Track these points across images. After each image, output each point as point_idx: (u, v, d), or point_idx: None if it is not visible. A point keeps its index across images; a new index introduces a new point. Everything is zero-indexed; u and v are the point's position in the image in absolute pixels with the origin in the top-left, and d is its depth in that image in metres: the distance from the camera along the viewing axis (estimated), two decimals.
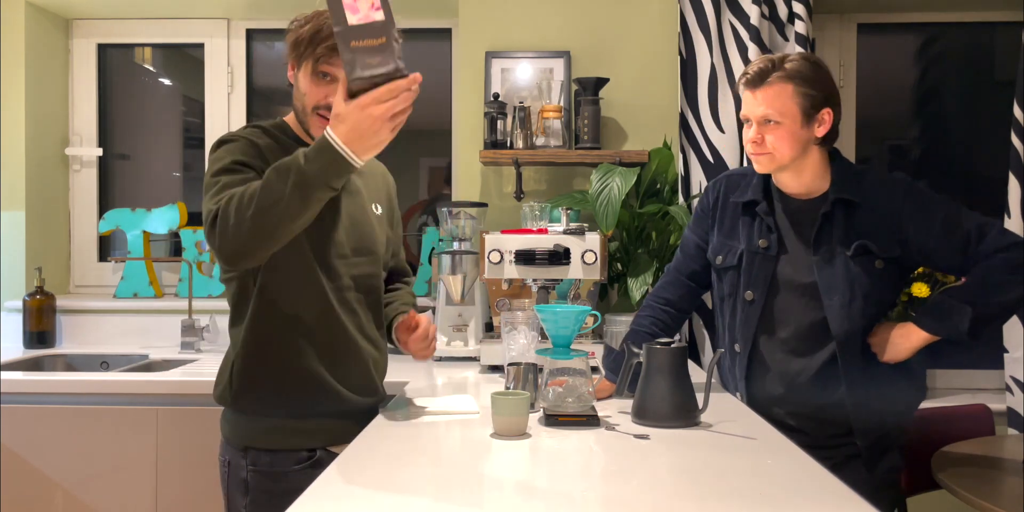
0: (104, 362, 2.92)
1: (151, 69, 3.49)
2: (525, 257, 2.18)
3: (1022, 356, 2.58)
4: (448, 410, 1.78)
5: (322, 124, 1.59)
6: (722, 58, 2.71)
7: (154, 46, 3.42)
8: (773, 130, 1.85)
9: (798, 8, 2.65)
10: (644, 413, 1.69)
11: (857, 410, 1.88)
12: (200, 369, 2.62)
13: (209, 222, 1.43)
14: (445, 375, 2.31)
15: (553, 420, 1.66)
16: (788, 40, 2.68)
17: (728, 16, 2.72)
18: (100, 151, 3.31)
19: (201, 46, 3.30)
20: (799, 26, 2.64)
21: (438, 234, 2.85)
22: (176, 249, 3.30)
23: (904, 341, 1.87)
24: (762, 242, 1.94)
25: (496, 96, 2.77)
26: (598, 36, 2.87)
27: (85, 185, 3.31)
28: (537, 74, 2.86)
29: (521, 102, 2.81)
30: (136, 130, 3.42)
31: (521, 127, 2.74)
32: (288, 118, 1.71)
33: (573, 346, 1.71)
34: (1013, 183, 2.58)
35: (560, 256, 2.18)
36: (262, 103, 3.33)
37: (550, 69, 2.86)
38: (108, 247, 3.36)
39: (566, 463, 1.47)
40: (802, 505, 1.22)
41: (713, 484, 1.31)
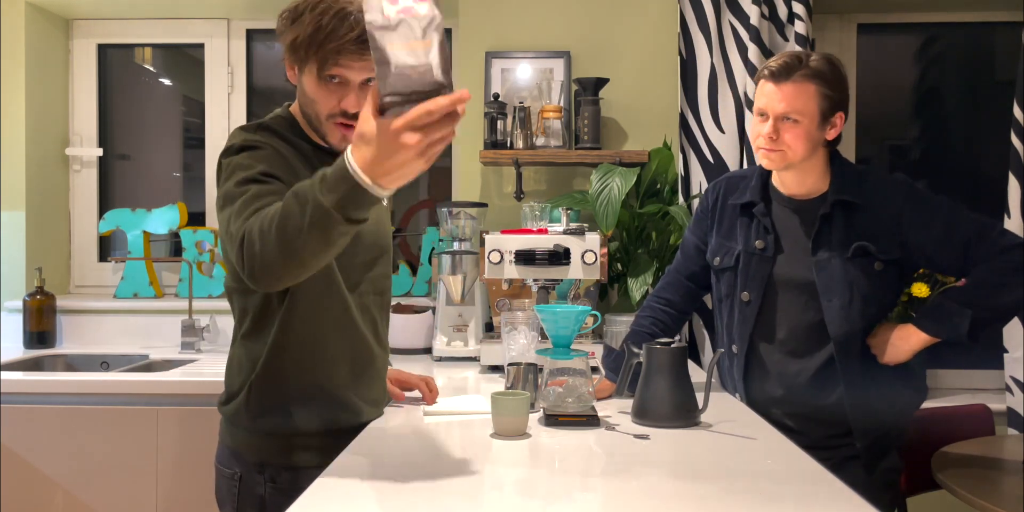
0: (104, 362, 2.92)
1: (151, 69, 3.49)
2: (525, 257, 2.18)
3: (1022, 356, 2.57)
4: (457, 410, 1.78)
5: (341, 131, 1.46)
6: (722, 58, 2.71)
7: (154, 46, 3.42)
8: (791, 128, 1.83)
9: (798, 8, 2.64)
10: (644, 413, 1.69)
11: (855, 411, 1.88)
12: (200, 369, 2.62)
13: (237, 243, 1.26)
14: (445, 375, 2.31)
15: (553, 420, 1.66)
16: (788, 40, 2.68)
17: (728, 16, 2.72)
18: (100, 151, 3.31)
19: (201, 46, 3.30)
20: (799, 26, 2.64)
21: (438, 234, 2.85)
22: (176, 249, 3.30)
23: (904, 343, 1.87)
24: (759, 243, 1.94)
25: (496, 96, 2.77)
26: (598, 36, 2.87)
27: (85, 185, 3.31)
28: (537, 74, 2.86)
29: (521, 102, 2.81)
30: (136, 130, 3.42)
31: (521, 127, 2.74)
32: (293, 109, 1.55)
33: (573, 346, 1.71)
34: (1013, 183, 2.58)
35: (560, 256, 2.18)
36: (262, 103, 3.33)
37: (550, 69, 2.86)
38: (108, 247, 3.36)
39: (566, 463, 1.47)
40: (802, 505, 1.22)
41: (713, 484, 1.32)
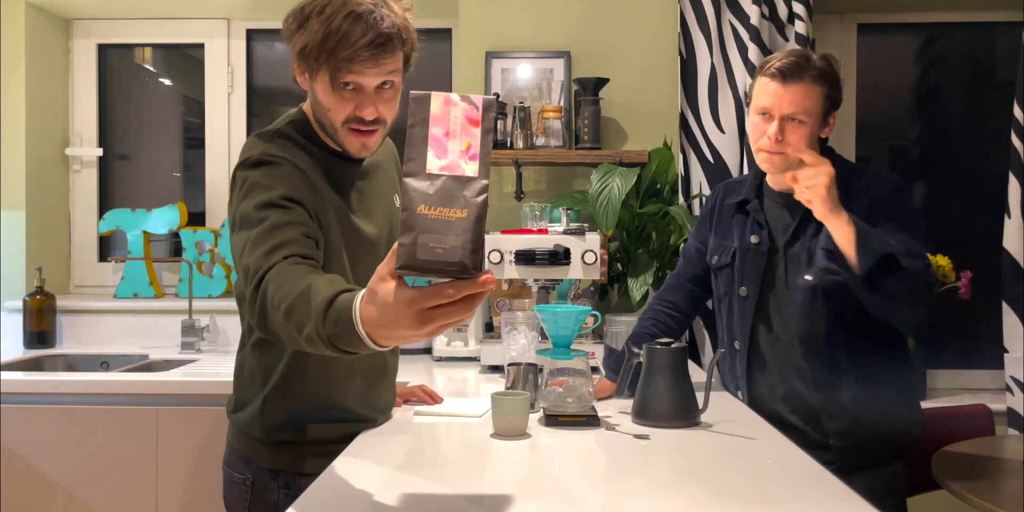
0: (104, 362, 2.92)
1: (151, 69, 3.49)
2: (525, 257, 2.18)
3: (1022, 356, 2.58)
4: (447, 412, 1.78)
5: (357, 137, 1.47)
6: (722, 58, 2.71)
7: (154, 46, 3.42)
8: (796, 129, 1.82)
9: (798, 8, 2.65)
10: (644, 413, 1.69)
11: (827, 409, 1.86)
12: (200, 369, 2.62)
13: (252, 286, 1.24)
14: (445, 375, 2.31)
15: (553, 420, 1.66)
16: (788, 40, 2.68)
17: (728, 16, 2.72)
18: (100, 151, 3.31)
19: (201, 46, 3.30)
20: (799, 26, 2.64)
21: None
22: (176, 249, 3.30)
23: (824, 191, 1.68)
24: (753, 238, 1.95)
25: (496, 96, 2.77)
26: (598, 36, 2.87)
27: (85, 185, 3.31)
28: (537, 74, 2.86)
29: (521, 102, 2.81)
30: (136, 130, 3.42)
31: (521, 127, 2.74)
32: (306, 109, 1.54)
33: (573, 346, 1.71)
34: (1013, 183, 2.58)
35: (560, 256, 2.18)
36: (262, 103, 3.33)
37: (550, 69, 2.86)
38: (108, 247, 3.36)
39: (566, 463, 1.47)
40: (802, 505, 1.22)
41: (713, 484, 1.32)
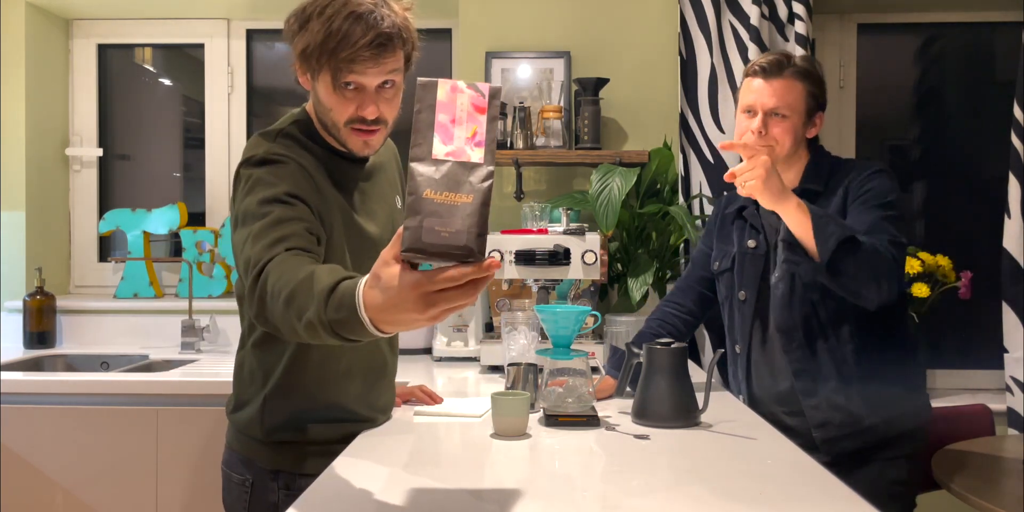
0: (104, 362, 2.92)
1: (151, 69, 3.49)
2: (525, 257, 2.18)
3: (1022, 356, 2.57)
4: (447, 412, 1.78)
5: (360, 137, 1.47)
6: (722, 58, 2.71)
7: (154, 46, 3.42)
8: (779, 123, 1.87)
9: (798, 8, 2.64)
10: (644, 413, 1.69)
11: (807, 401, 1.86)
12: (200, 369, 2.62)
13: (252, 277, 1.24)
14: (445, 375, 2.31)
15: (553, 420, 1.66)
16: (788, 40, 2.68)
17: (728, 16, 2.72)
18: (100, 151, 3.31)
19: (201, 46, 3.30)
20: (799, 26, 2.64)
21: None
22: (176, 249, 3.30)
23: (761, 182, 1.70)
24: (751, 243, 1.97)
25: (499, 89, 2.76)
26: (598, 36, 2.87)
27: (85, 185, 3.31)
28: (537, 74, 2.86)
29: (521, 102, 2.81)
30: (136, 130, 3.42)
31: (521, 127, 2.74)
32: (309, 108, 1.55)
33: (573, 346, 1.71)
34: (1013, 183, 2.58)
35: (560, 256, 2.18)
36: (262, 103, 3.33)
37: (550, 69, 2.86)
38: (108, 247, 3.36)
39: (566, 463, 1.47)
40: (802, 505, 1.22)
41: (713, 484, 1.32)
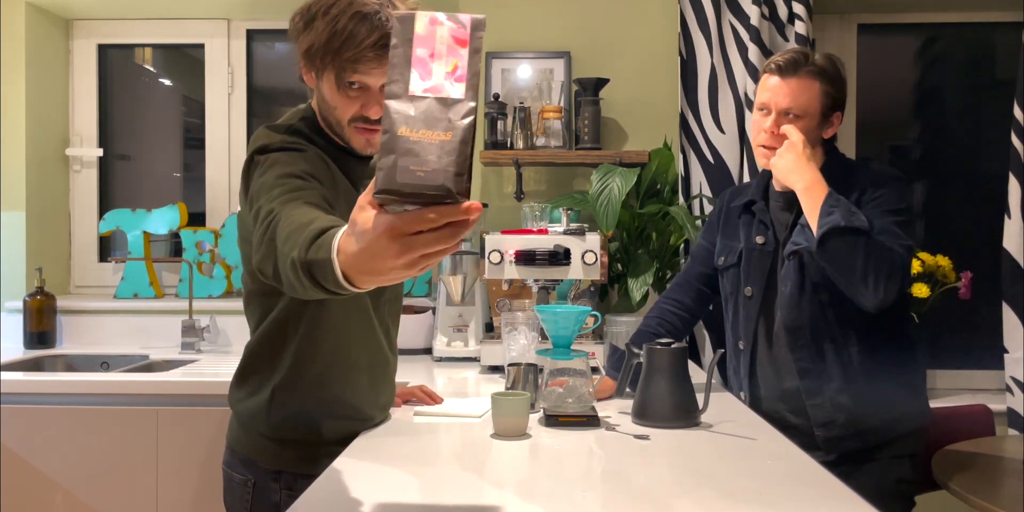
0: (104, 362, 2.92)
1: (151, 69, 3.49)
2: (525, 257, 2.18)
3: (1022, 356, 2.57)
4: (447, 412, 1.78)
5: (363, 135, 1.46)
6: (722, 58, 2.71)
7: (154, 46, 3.42)
8: (792, 123, 1.85)
9: (798, 9, 2.64)
10: (644, 413, 1.69)
11: (811, 400, 1.86)
12: (200, 369, 2.62)
13: (265, 225, 1.23)
14: (445, 376, 2.31)
15: (553, 420, 1.66)
16: (788, 40, 2.68)
17: (728, 16, 2.72)
18: (100, 151, 3.31)
19: (201, 46, 3.30)
20: (799, 27, 2.64)
21: None
22: (176, 249, 3.30)
23: (799, 163, 1.78)
24: (759, 238, 1.95)
25: (496, 96, 2.77)
26: (598, 36, 2.87)
27: (85, 185, 3.31)
28: (537, 74, 2.86)
29: (521, 102, 2.81)
30: (136, 130, 3.42)
31: (521, 127, 2.74)
32: (314, 105, 1.54)
33: (573, 347, 1.71)
34: (1013, 183, 2.58)
35: (560, 256, 2.18)
36: (262, 103, 3.33)
37: (550, 69, 2.86)
38: (108, 247, 3.36)
39: (566, 463, 1.47)
40: (802, 505, 1.22)
41: (713, 484, 1.32)
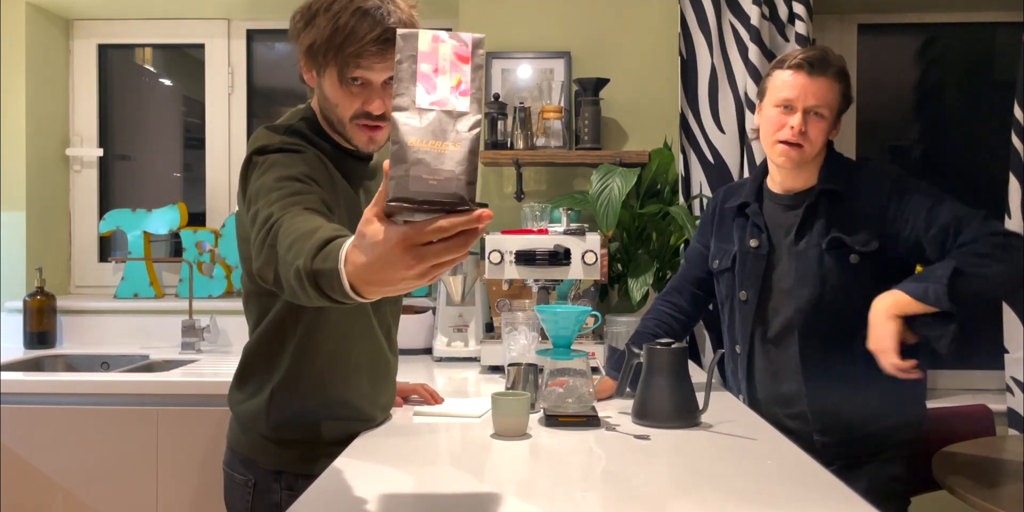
0: (104, 362, 2.92)
1: (151, 69, 3.49)
2: (525, 257, 2.18)
3: (1022, 356, 2.57)
4: (447, 412, 1.78)
5: (365, 132, 1.46)
6: (722, 58, 2.71)
7: (154, 46, 3.42)
8: (817, 123, 1.83)
9: (798, 9, 2.64)
10: (644, 413, 1.69)
11: (814, 406, 1.86)
12: (200, 369, 2.62)
13: (265, 231, 1.21)
14: (445, 376, 2.31)
15: (553, 421, 1.66)
16: (788, 41, 2.68)
17: (728, 16, 2.72)
18: (100, 151, 3.31)
19: (201, 46, 3.30)
20: (799, 27, 2.64)
21: None
22: (176, 249, 3.30)
23: (878, 309, 1.71)
24: (753, 242, 1.94)
25: (496, 96, 2.77)
26: (598, 36, 2.87)
27: (85, 185, 3.31)
28: (537, 74, 2.86)
29: (521, 103, 2.81)
30: (136, 130, 3.42)
31: (521, 128, 2.74)
32: (314, 105, 1.53)
33: (573, 347, 1.71)
34: (1013, 183, 2.58)
35: (560, 256, 2.18)
36: (262, 103, 3.33)
37: (550, 69, 2.86)
38: (108, 247, 3.36)
39: (566, 463, 1.47)
40: (802, 505, 1.22)
41: (713, 484, 1.32)
